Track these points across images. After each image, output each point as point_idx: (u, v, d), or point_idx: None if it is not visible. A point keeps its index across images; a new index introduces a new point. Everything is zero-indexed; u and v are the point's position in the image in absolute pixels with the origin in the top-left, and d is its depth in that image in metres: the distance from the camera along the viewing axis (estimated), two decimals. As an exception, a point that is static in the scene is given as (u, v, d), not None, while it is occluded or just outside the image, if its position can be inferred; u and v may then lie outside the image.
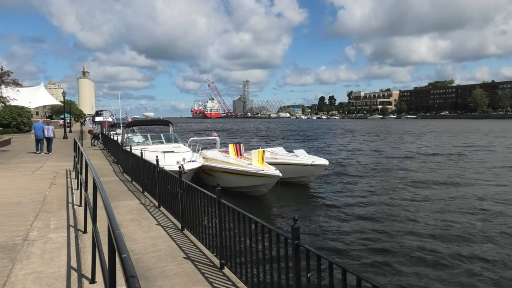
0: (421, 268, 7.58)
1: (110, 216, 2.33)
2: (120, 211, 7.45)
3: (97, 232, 3.77)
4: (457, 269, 7.52)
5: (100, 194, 3.50)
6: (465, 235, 9.47)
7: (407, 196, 13.90)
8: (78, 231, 6.09)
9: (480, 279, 7.04)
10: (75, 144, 12.13)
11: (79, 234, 5.97)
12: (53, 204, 8.00)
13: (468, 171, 19.30)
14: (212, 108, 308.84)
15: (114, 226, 2.07)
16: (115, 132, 28.81)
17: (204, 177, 15.39)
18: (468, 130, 62.21)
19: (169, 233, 6.14)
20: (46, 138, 19.61)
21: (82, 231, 6.03)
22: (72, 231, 6.09)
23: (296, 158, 16.04)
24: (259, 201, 13.30)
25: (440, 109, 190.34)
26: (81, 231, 6.05)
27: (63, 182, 10.77)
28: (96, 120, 45.48)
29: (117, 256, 1.84)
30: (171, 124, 19.40)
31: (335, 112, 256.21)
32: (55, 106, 65.52)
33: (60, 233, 5.97)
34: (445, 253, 8.30)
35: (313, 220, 10.99)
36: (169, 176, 6.99)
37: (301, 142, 42.53)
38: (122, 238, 1.92)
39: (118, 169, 14.04)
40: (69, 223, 6.54)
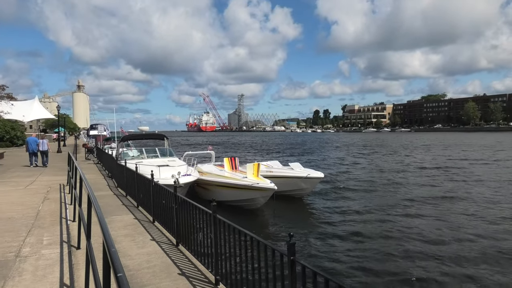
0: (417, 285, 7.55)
1: (105, 233, 2.31)
2: (114, 226, 7.37)
3: (91, 249, 3.73)
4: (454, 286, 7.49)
5: (95, 209, 3.47)
6: (461, 253, 9.46)
7: (402, 210, 13.89)
8: (71, 247, 6.01)
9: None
10: (69, 158, 12.05)
11: (73, 250, 5.89)
12: (46, 219, 7.91)
13: (464, 186, 19.37)
14: (207, 122, 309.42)
15: (110, 243, 2.05)
16: (110, 146, 28.71)
17: (199, 191, 15.32)
18: (462, 143, 62.67)
19: (164, 248, 6.08)
20: (41, 152, 19.73)
21: (76, 247, 5.95)
22: (66, 247, 6.01)
23: (292, 171, 16.04)
24: (254, 215, 13.23)
25: (433, 122, 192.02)
26: (75, 247, 5.98)
27: (56, 196, 10.67)
28: (90, 134, 45.31)
29: (112, 274, 1.82)
30: (166, 138, 19.39)
31: (330, 126, 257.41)
32: (49, 120, 65.29)
33: (53, 249, 5.90)
34: (441, 271, 8.28)
35: (309, 235, 10.93)
36: (164, 191, 6.95)
37: (296, 155, 42.57)
38: (117, 256, 1.91)
39: (113, 183, 13.94)
40: (63, 239, 6.46)
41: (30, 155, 19.41)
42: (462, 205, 14.62)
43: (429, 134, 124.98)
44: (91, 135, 43.96)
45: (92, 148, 29.14)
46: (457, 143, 62.89)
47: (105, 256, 2.19)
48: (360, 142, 73.96)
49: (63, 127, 49.33)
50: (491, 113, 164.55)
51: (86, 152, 28.08)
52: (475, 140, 70.40)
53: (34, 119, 53.25)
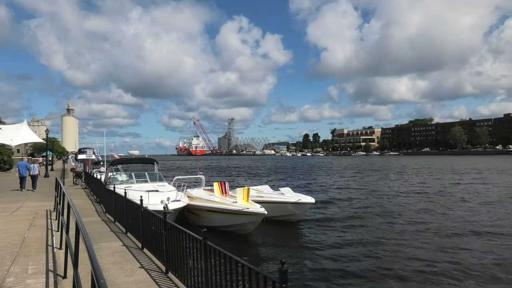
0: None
1: (94, 263, 2.27)
2: (102, 253, 7.21)
3: (78, 278, 3.64)
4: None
5: (83, 237, 3.42)
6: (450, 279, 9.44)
7: (394, 236, 13.84)
8: (57, 276, 5.85)
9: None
10: (57, 183, 11.87)
11: (59, 279, 5.73)
12: (32, 247, 7.70)
13: (458, 210, 19.47)
14: (197, 146, 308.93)
15: (99, 275, 2.01)
16: (99, 170, 28.40)
17: (189, 216, 15.14)
18: (451, 167, 63.41)
19: (153, 276, 5.95)
20: (32, 176, 20.00)
21: (62, 276, 5.79)
22: (51, 277, 5.85)
23: (282, 196, 15.99)
24: (245, 240, 13.06)
25: (421, 146, 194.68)
26: (61, 276, 5.81)
27: (43, 223, 10.43)
28: (79, 158, 44.82)
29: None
30: (156, 162, 19.27)
31: (319, 149, 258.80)
32: (37, 144, 64.53)
33: (38, 279, 5.73)
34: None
35: (300, 261, 10.80)
36: (153, 217, 6.86)
37: (286, 179, 42.54)
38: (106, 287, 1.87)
39: (101, 209, 13.72)
40: (48, 268, 6.28)
41: (21, 179, 19.53)
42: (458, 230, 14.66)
43: (418, 158, 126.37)
44: (79, 159, 43.47)
45: (80, 172, 28.77)
46: (453, 167, 63.60)
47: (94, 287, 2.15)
48: (351, 166, 74.33)
49: (51, 151, 48.74)
50: (477, 137, 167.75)
51: (74, 177, 27.68)
52: (467, 165, 71.30)
53: (22, 143, 52.54)
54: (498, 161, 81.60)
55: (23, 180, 19.50)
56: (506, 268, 9.83)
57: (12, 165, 38.72)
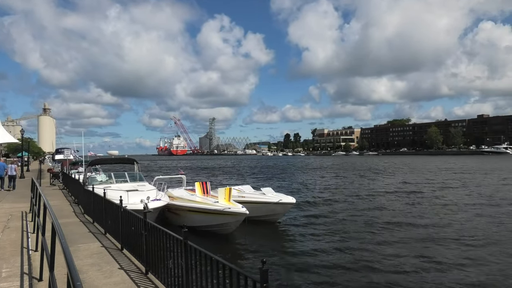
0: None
1: (70, 265, 2.20)
2: (79, 255, 7.04)
3: (54, 281, 3.53)
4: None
5: (59, 238, 3.32)
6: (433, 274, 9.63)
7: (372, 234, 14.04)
8: (33, 279, 5.67)
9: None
10: (33, 184, 11.54)
11: (34, 282, 5.56)
12: (6, 249, 7.46)
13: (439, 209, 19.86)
14: (178, 146, 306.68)
15: (75, 276, 1.95)
16: (77, 171, 27.77)
17: (170, 216, 14.97)
18: (427, 167, 64.86)
19: (133, 277, 5.85)
20: (9, 176, 20.75)
21: (38, 279, 5.62)
22: (26, 280, 5.67)
23: (263, 196, 16.00)
24: (226, 240, 13.01)
25: (399, 146, 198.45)
26: (36, 279, 5.64)
27: (18, 225, 10.12)
28: (56, 158, 43.71)
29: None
30: (136, 162, 19.00)
31: (300, 149, 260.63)
32: (12, 144, 62.67)
33: (12, 282, 5.54)
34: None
35: (281, 260, 10.82)
36: (133, 217, 6.74)
37: (268, 179, 42.63)
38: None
39: (79, 209, 13.42)
40: (23, 270, 6.09)
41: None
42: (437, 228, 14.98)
43: (395, 158, 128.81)
44: (56, 159, 42.38)
45: (58, 173, 28.07)
46: (428, 167, 65.01)
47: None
48: (331, 166, 75.14)
49: (27, 152, 47.40)
50: (452, 137, 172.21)
51: (51, 177, 27.00)
52: (441, 164, 73.05)
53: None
54: (471, 161, 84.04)
55: (1, 180, 19.96)
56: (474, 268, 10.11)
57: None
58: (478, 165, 64.86)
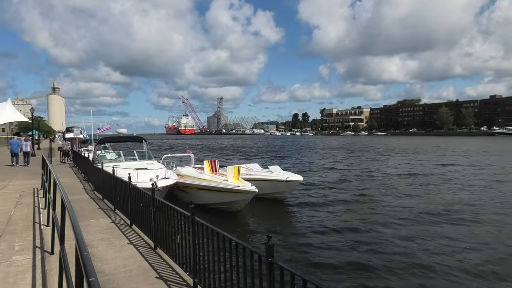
0: (397, 280, 7.66)
1: (78, 236, 2.23)
2: (90, 230, 7.18)
3: (64, 254, 3.61)
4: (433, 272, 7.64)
5: (69, 213, 3.37)
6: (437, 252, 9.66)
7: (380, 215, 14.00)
8: (44, 253, 5.81)
9: None
10: (43, 161, 11.70)
11: (46, 255, 5.70)
12: (18, 224, 7.63)
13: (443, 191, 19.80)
14: (187, 125, 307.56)
15: (82, 247, 1.98)
16: (87, 149, 28.08)
17: (178, 194, 15.14)
18: (437, 148, 64.31)
19: (141, 252, 5.96)
20: (24, 153, 22.18)
21: (49, 253, 5.76)
22: (38, 253, 5.81)
23: (271, 174, 16.07)
24: (234, 218, 13.16)
25: (408, 126, 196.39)
26: (48, 253, 5.78)
27: (29, 201, 10.32)
28: (66, 137, 44.21)
29: (85, 279, 1.76)
30: (145, 140, 19.10)
31: (308, 129, 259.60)
32: (22, 123, 63.30)
33: (25, 255, 5.68)
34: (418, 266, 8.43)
35: (288, 236, 10.95)
36: (142, 194, 6.82)
37: (275, 158, 42.70)
38: (90, 260, 1.84)
39: (89, 187, 13.61)
40: (35, 244, 6.24)
41: (12, 155, 21.53)
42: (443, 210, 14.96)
43: (405, 138, 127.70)
44: (66, 138, 42.87)
45: (68, 151, 28.40)
46: (439, 148, 64.45)
47: (78, 260, 2.12)
48: (339, 146, 74.90)
49: (37, 130, 47.94)
50: (463, 118, 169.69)
51: (61, 156, 27.34)
52: (453, 145, 72.35)
53: (6, 122, 51.54)
54: (483, 142, 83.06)
55: (15, 156, 21.46)
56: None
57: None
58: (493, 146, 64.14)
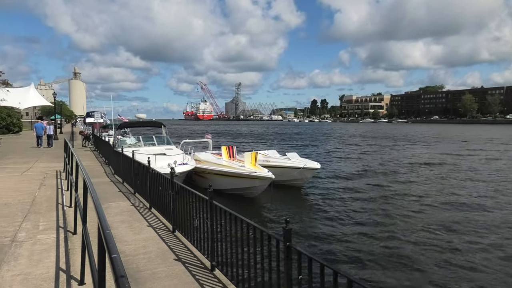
0: (413, 271, 7.62)
1: (100, 217, 2.29)
2: (110, 212, 7.37)
3: (87, 233, 3.72)
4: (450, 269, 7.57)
5: (91, 194, 3.45)
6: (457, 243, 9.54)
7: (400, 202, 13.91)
8: (67, 232, 6.01)
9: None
10: (66, 145, 11.99)
11: (69, 235, 5.89)
12: (43, 205, 7.89)
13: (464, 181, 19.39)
14: (205, 110, 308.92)
15: (104, 226, 2.03)
16: (107, 134, 28.60)
17: (196, 179, 15.33)
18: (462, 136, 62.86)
19: (160, 234, 6.09)
20: (48, 135, 23.86)
21: (72, 232, 5.95)
22: (62, 232, 6.01)
23: (289, 161, 16.06)
24: (251, 203, 13.27)
25: (430, 114, 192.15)
26: (71, 232, 5.97)
27: (53, 183, 10.63)
28: (87, 121, 45.07)
29: (107, 256, 1.81)
30: (164, 126, 19.31)
31: (327, 116, 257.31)
32: (45, 107, 64.81)
33: (49, 234, 5.89)
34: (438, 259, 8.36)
35: (305, 222, 10.99)
36: (160, 178, 6.94)
37: (293, 145, 42.58)
38: (112, 238, 1.89)
39: (110, 170, 13.91)
40: (59, 224, 6.45)
41: (37, 138, 23.25)
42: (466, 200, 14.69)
43: (426, 126, 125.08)
44: (87, 122, 43.72)
45: (89, 135, 29.01)
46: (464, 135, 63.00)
47: (100, 238, 2.18)
48: (358, 133, 74.05)
49: (59, 115, 49.02)
50: (488, 105, 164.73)
51: (82, 140, 27.98)
52: (478, 133, 70.57)
53: (30, 106, 52.86)
54: (506, 132, 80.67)
55: (39, 139, 23.15)
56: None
57: (22, 128, 39.22)
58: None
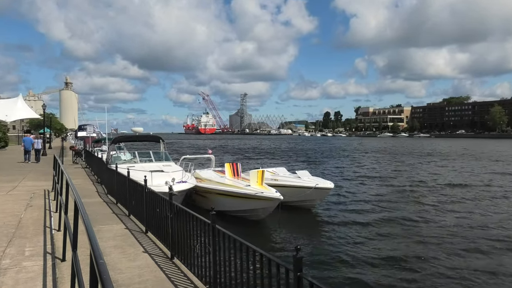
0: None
1: (92, 243, 2.30)
2: (102, 237, 7.36)
3: (77, 261, 3.72)
4: None
5: (82, 217, 3.47)
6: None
7: (420, 230, 13.45)
8: (55, 259, 6.01)
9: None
10: (55, 161, 12.09)
11: (57, 262, 5.89)
12: (29, 228, 7.91)
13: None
14: (207, 123, 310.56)
15: (97, 254, 2.04)
16: (100, 149, 28.82)
17: (197, 199, 15.32)
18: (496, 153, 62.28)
19: (157, 262, 6.06)
20: (36, 150, 24.76)
21: (60, 259, 5.95)
22: (49, 259, 6.01)
23: (299, 180, 16.00)
24: (257, 227, 13.20)
25: (455, 127, 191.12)
26: (59, 259, 5.97)
27: (40, 203, 10.68)
28: (78, 136, 45.51)
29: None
30: (162, 140, 19.41)
31: (341, 129, 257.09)
32: (34, 120, 65.53)
33: (35, 261, 5.89)
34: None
35: (317, 249, 10.89)
36: (158, 198, 6.95)
37: (304, 162, 42.51)
38: (106, 269, 1.90)
39: (102, 189, 13.97)
40: (46, 250, 6.46)
41: (25, 152, 24.07)
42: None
43: (451, 141, 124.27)
44: (79, 136, 44.14)
45: (80, 151, 29.24)
46: (494, 152, 62.41)
47: (92, 268, 2.18)
48: (377, 148, 73.79)
49: (48, 128, 49.53)
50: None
51: (73, 155, 28.17)
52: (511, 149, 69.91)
53: (17, 118, 53.50)
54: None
55: (28, 153, 23.98)
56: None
57: (8, 143, 39.67)
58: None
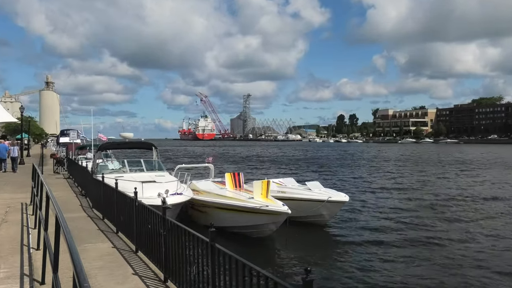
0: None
1: (76, 264, 2.31)
2: (87, 257, 7.36)
3: (58, 284, 3.73)
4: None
5: (64, 234, 3.48)
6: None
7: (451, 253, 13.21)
8: (34, 282, 6.02)
9: None
10: (34, 171, 12.14)
11: (35, 285, 5.90)
12: (4, 246, 7.94)
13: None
14: (205, 128, 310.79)
15: (82, 277, 2.04)
16: (85, 157, 28.92)
17: (194, 214, 15.32)
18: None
19: (149, 285, 6.06)
20: (12, 158, 24.99)
21: (40, 282, 5.95)
22: (27, 282, 6.02)
23: (309, 192, 15.97)
24: (262, 245, 13.18)
25: (487, 132, 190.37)
26: (38, 282, 5.97)
27: (17, 218, 10.72)
28: (60, 142, 45.65)
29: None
30: (155, 147, 19.45)
31: (357, 134, 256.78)
32: (10, 124, 65.88)
33: (11, 284, 5.90)
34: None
35: (329, 270, 10.86)
36: (150, 213, 6.96)
37: (315, 172, 42.49)
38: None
39: (87, 203, 14.01)
40: (23, 272, 6.47)
41: (0, 161, 24.23)
42: None
43: (483, 147, 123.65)
44: (61, 143, 44.29)
45: (62, 159, 29.35)
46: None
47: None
48: (396, 156, 73.65)
49: (27, 133, 49.77)
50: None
51: (54, 164, 28.28)
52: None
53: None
54: None
55: (3, 162, 24.18)
56: None
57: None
58: None
